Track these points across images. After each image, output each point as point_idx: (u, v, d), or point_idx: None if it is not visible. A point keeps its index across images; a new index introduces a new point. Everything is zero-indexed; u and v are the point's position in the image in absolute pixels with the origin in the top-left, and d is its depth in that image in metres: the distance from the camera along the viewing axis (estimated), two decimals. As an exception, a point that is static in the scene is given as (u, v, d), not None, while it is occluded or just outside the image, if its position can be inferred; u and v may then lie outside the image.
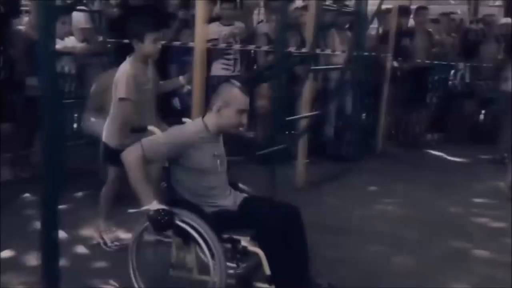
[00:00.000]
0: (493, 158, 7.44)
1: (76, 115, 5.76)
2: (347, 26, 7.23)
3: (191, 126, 3.21)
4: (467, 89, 8.51)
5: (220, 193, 3.19)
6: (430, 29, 7.92)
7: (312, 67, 5.76)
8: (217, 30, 6.16)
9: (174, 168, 3.11)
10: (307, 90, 5.71)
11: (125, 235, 4.13)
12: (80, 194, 5.17)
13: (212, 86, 5.47)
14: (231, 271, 3.02)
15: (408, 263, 4.11)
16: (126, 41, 5.15)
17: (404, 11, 7.72)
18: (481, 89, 8.06)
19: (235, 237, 3.01)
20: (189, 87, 4.61)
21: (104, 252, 4.06)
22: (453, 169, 7.12)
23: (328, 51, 6.41)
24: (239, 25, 6.36)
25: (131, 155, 2.98)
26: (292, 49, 5.83)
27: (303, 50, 5.73)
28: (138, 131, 3.52)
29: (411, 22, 8.03)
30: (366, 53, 7.02)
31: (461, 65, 8.43)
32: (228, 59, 6.28)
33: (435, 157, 7.75)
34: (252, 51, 6.69)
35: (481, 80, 8.17)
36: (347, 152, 7.02)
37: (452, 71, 8.74)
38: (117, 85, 3.77)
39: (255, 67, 6.83)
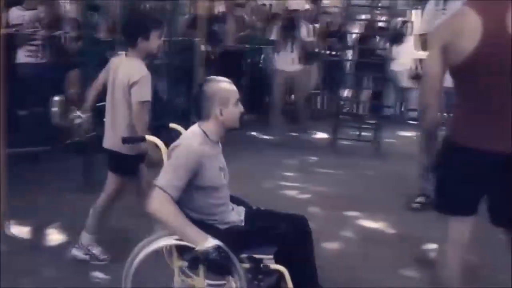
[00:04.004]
0: (299, 135, 8.02)
1: None
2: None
3: (193, 138, 2.87)
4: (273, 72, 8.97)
5: (226, 209, 2.98)
6: (244, 14, 8.17)
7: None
8: (19, 14, 5.87)
9: None
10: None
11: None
12: None
13: (18, 74, 5.17)
14: None
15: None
16: None
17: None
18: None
19: (257, 256, 2.79)
20: None
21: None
22: (265, 148, 7.54)
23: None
24: (43, 9, 6.08)
25: (159, 205, 2.67)
26: (102, 34, 5.73)
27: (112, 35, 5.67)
28: (133, 141, 3.31)
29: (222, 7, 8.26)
30: (179, 38, 7.11)
31: (269, 49, 8.85)
32: (34, 45, 5.98)
33: (249, 137, 8.11)
34: (63, 37, 6.43)
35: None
36: (164, 136, 7.05)
37: (263, 55, 9.16)
38: (135, 87, 3.57)
39: (64, 53, 6.58)
